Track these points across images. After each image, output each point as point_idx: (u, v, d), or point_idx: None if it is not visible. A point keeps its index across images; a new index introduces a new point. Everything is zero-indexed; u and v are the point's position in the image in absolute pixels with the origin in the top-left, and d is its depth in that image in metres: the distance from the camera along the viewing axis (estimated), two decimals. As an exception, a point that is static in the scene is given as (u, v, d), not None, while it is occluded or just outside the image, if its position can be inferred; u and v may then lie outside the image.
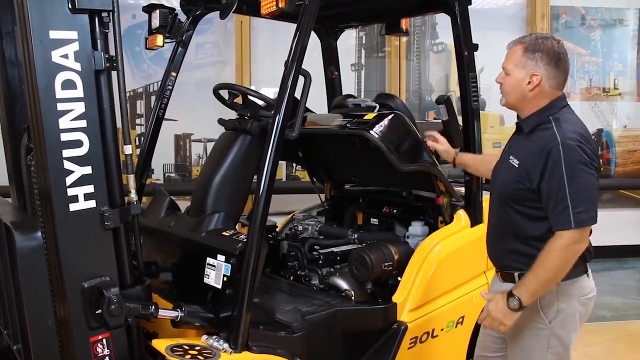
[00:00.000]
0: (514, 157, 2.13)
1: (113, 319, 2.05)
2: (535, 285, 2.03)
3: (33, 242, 2.04)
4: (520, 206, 2.11)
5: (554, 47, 2.09)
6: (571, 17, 6.59)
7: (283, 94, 2.28)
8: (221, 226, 2.53)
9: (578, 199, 1.96)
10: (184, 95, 5.36)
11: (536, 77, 2.08)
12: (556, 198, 1.97)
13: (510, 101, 2.20)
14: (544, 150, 2.01)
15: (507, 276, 2.24)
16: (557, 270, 2.01)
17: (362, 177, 3.58)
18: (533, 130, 2.12)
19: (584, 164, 1.98)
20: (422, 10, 3.70)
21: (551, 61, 2.08)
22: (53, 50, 1.94)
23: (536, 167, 2.02)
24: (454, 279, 2.99)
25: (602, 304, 5.18)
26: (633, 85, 6.79)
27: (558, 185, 1.96)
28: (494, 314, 2.09)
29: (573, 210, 1.96)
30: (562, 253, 1.98)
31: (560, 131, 2.02)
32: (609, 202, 6.89)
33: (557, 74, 2.10)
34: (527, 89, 2.11)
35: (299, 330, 2.43)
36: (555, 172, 1.97)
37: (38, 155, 2.01)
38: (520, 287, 2.05)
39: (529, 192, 2.06)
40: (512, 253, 2.19)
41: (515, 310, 2.04)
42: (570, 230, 1.97)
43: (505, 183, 2.16)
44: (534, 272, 2.03)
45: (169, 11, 2.95)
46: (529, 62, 2.09)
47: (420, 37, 6.29)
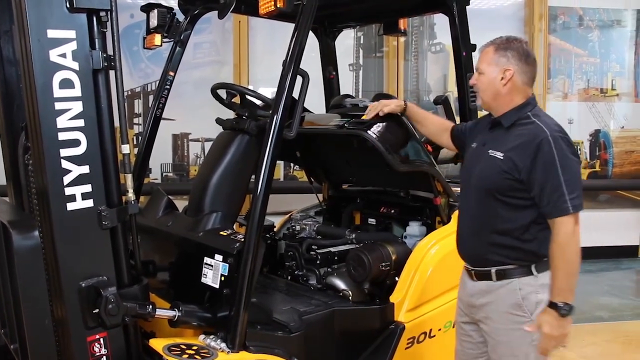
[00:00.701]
0: (495, 151, 2.19)
1: (110, 319, 2.05)
2: (567, 279, 2.07)
3: (30, 242, 2.04)
4: (505, 197, 2.16)
5: (523, 46, 2.22)
6: (569, 17, 6.60)
7: (281, 93, 2.28)
8: (219, 226, 2.53)
9: (571, 186, 2.05)
10: (182, 95, 5.36)
11: (509, 71, 2.18)
12: (552, 187, 2.05)
13: (485, 99, 2.28)
14: (532, 142, 2.09)
15: (481, 274, 2.27)
16: (577, 255, 2.06)
17: (359, 177, 3.58)
18: (512, 125, 2.20)
19: (572, 154, 2.10)
20: (420, 10, 3.71)
21: (522, 57, 2.19)
22: (51, 50, 1.94)
23: (525, 158, 2.09)
24: (451, 279, 2.97)
25: (598, 305, 5.20)
26: (630, 86, 6.80)
27: (553, 175, 2.05)
28: (556, 333, 2.08)
29: (569, 197, 2.04)
30: (572, 239, 2.05)
31: (545, 125, 2.12)
32: (607, 202, 6.91)
33: (528, 69, 2.20)
34: (500, 84, 2.20)
35: (296, 330, 2.44)
36: (548, 163, 2.05)
37: (36, 155, 2.01)
38: (557, 291, 2.08)
39: (517, 182, 2.12)
40: (494, 246, 2.21)
41: (568, 314, 2.07)
42: (569, 216, 2.05)
43: (489, 175, 2.20)
44: (560, 270, 2.06)
45: (167, 11, 2.95)
46: (501, 59, 2.20)
47: (418, 38, 6.29)
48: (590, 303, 5.20)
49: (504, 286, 2.21)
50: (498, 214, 2.18)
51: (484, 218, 2.24)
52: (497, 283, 2.22)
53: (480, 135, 2.35)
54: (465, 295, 2.38)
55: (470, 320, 2.39)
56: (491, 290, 2.24)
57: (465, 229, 2.36)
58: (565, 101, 6.65)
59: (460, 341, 2.48)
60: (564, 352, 4.07)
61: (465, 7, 3.00)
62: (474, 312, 2.35)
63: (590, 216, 6.69)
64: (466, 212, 2.36)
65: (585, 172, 6.70)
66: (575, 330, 2.45)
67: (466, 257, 2.37)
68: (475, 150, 2.32)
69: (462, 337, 2.47)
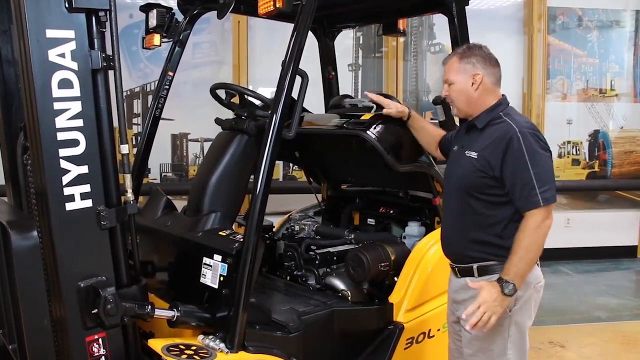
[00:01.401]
0: (471, 151, 2.27)
1: (109, 319, 2.04)
2: (522, 265, 2.12)
3: (29, 242, 2.03)
4: (482, 194, 2.24)
5: (484, 51, 2.34)
6: (568, 18, 6.60)
7: (280, 93, 2.28)
8: (218, 226, 2.53)
9: (542, 179, 2.12)
10: (181, 95, 5.36)
11: (478, 76, 2.29)
12: (522, 181, 2.13)
13: (460, 107, 2.38)
14: (503, 139, 2.18)
15: (464, 270, 2.33)
16: (537, 247, 2.14)
17: (358, 178, 3.59)
18: (486, 126, 2.29)
19: (542, 148, 2.18)
20: (419, 10, 3.71)
21: (486, 61, 2.31)
22: (50, 50, 1.93)
23: (496, 155, 2.18)
24: (450, 279, 2.99)
25: (597, 305, 5.20)
26: (629, 87, 6.80)
27: (522, 169, 2.13)
28: (490, 302, 2.10)
29: (540, 190, 2.11)
30: (538, 230, 2.12)
31: (515, 122, 2.21)
32: (606, 202, 6.91)
33: (493, 70, 2.33)
34: (472, 89, 2.31)
35: (295, 331, 2.44)
36: (518, 158, 2.14)
37: (34, 155, 2.00)
38: (509, 271, 2.12)
39: (491, 180, 2.20)
40: (474, 243, 2.28)
41: (511, 294, 2.11)
42: (539, 209, 2.12)
43: (466, 175, 2.28)
44: (516, 255, 2.12)
45: (167, 10, 2.95)
46: (467, 66, 2.31)
47: (417, 38, 6.29)
48: (589, 303, 5.20)
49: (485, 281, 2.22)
50: (477, 212, 2.26)
51: (464, 216, 2.31)
52: (478, 279, 2.26)
53: (460, 139, 2.45)
54: (451, 292, 2.45)
55: (457, 319, 2.42)
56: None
57: (448, 228, 2.43)
58: (564, 101, 6.65)
59: (452, 340, 2.52)
60: (563, 352, 4.08)
61: (465, 7, 2.99)
62: (456, 309, 2.40)
63: (590, 216, 6.79)
64: (449, 211, 2.43)
65: (585, 172, 6.71)
66: (574, 330, 2.47)
67: (449, 254, 2.43)
68: (456, 153, 2.41)
69: (452, 336, 2.51)
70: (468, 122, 2.40)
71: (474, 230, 2.27)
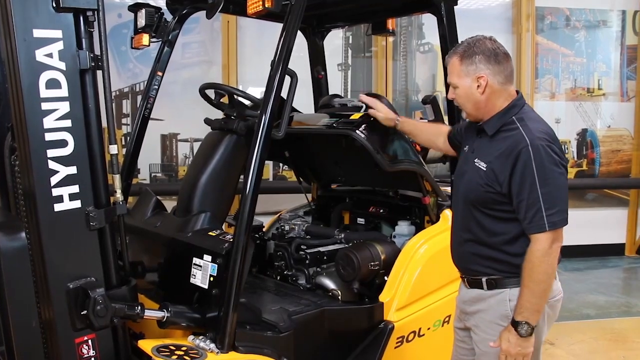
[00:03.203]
0: (480, 160, 2.10)
1: (98, 320, 2.03)
2: (534, 300, 1.99)
3: (17, 243, 2.02)
4: (489, 210, 2.09)
5: (487, 45, 2.08)
6: (556, 18, 6.65)
7: (269, 93, 2.28)
8: (207, 226, 2.53)
9: (550, 200, 1.94)
10: (170, 95, 5.34)
11: (482, 78, 2.07)
12: (528, 201, 1.95)
13: (469, 112, 2.18)
14: (512, 152, 1.98)
15: (474, 282, 2.20)
16: (547, 276, 1.98)
17: (348, 177, 3.59)
18: (497, 132, 2.09)
19: (554, 164, 1.96)
20: (408, 10, 3.71)
21: (490, 58, 2.06)
22: (37, 49, 1.92)
23: (505, 169, 2.00)
24: (440, 278, 3.00)
25: (586, 302, 5.25)
26: (617, 86, 6.86)
27: (530, 188, 1.95)
28: (513, 351, 2.02)
29: (546, 213, 1.94)
30: (544, 258, 1.96)
31: (528, 131, 2.00)
32: (593, 201, 6.97)
33: (500, 68, 2.07)
34: (478, 93, 2.09)
35: (285, 330, 2.43)
36: (526, 174, 1.95)
37: (22, 155, 1.99)
38: (521, 309, 2.01)
39: (499, 196, 2.04)
40: (480, 258, 2.15)
41: (530, 334, 2.00)
42: (545, 233, 1.95)
43: (473, 188, 2.12)
44: (527, 289, 1.99)
45: (155, 10, 2.93)
46: (470, 67, 2.08)
47: (406, 38, 6.31)
48: (578, 301, 5.25)
49: (494, 296, 2.14)
50: (482, 226, 2.12)
51: (470, 227, 2.17)
52: (487, 292, 2.15)
53: (470, 139, 2.26)
54: (460, 301, 2.33)
55: (464, 326, 2.35)
56: (482, 298, 2.18)
57: (455, 237, 2.30)
58: (552, 101, 6.70)
59: (456, 346, 2.44)
60: (553, 349, 4.10)
61: (453, 7, 3.00)
62: (466, 319, 2.31)
63: (578, 215, 6.82)
64: (455, 219, 2.29)
65: (573, 171, 6.76)
66: (563, 328, 2.47)
67: (456, 265, 2.31)
68: (465, 155, 2.25)
69: (457, 342, 2.43)
70: (478, 126, 2.18)
71: (479, 244, 2.13)
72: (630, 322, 4.81)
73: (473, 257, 2.18)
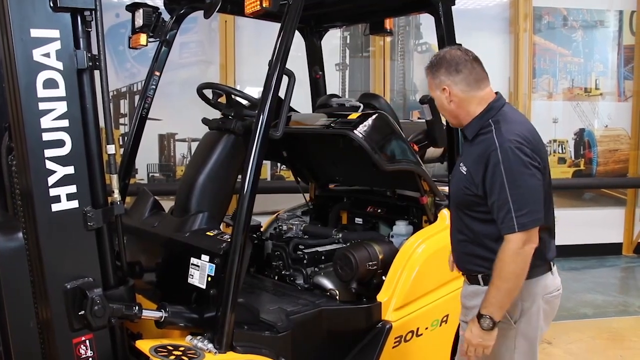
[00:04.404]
0: (463, 165, 2.17)
1: (96, 320, 2.03)
2: (499, 296, 2.03)
3: (14, 243, 2.02)
4: (472, 211, 2.14)
5: (447, 56, 2.14)
6: (553, 18, 6.65)
7: (267, 93, 2.28)
8: (205, 226, 2.53)
9: (520, 202, 1.97)
10: (168, 95, 5.33)
11: (445, 89, 2.14)
12: (498, 203, 2.00)
13: (449, 120, 2.28)
14: (483, 155, 2.03)
15: (472, 278, 2.26)
16: (515, 276, 2.01)
17: (346, 177, 3.59)
18: (476, 136, 2.14)
19: (523, 166, 1.99)
20: (406, 10, 3.72)
21: (449, 68, 2.12)
22: (34, 49, 1.92)
23: (478, 172, 2.05)
24: (438, 277, 3.00)
25: (583, 302, 5.26)
26: (614, 86, 6.87)
27: (499, 190, 1.99)
28: (474, 341, 2.09)
29: (515, 214, 1.97)
30: (514, 258, 1.99)
31: (499, 135, 2.03)
32: (591, 200, 6.98)
33: (462, 76, 2.11)
34: (446, 102, 2.16)
35: (283, 330, 2.43)
36: (495, 177, 1.99)
37: (19, 155, 1.99)
38: (486, 304, 2.06)
39: (477, 198, 2.09)
40: (472, 257, 2.20)
41: (490, 328, 2.05)
42: (515, 234, 1.98)
43: (456, 190, 2.20)
44: (494, 285, 2.03)
45: (153, 10, 2.93)
46: (435, 80, 2.16)
47: (404, 37, 6.31)
48: (575, 300, 5.26)
49: None
50: (470, 227, 2.18)
51: (460, 228, 2.23)
52: (483, 287, 2.17)
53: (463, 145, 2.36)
54: (462, 296, 2.38)
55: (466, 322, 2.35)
56: (479, 293, 2.19)
57: (452, 238, 2.36)
58: (550, 100, 6.71)
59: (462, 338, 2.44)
60: (550, 349, 4.11)
61: (451, 7, 3.01)
62: (466, 314, 2.33)
63: (575, 214, 6.84)
64: (451, 221, 2.36)
65: (570, 170, 6.77)
66: (561, 327, 2.47)
67: (456, 263, 2.37)
68: (456, 166, 2.30)
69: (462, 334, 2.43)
70: (462, 131, 2.26)
71: (470, 244, 2.20)
72: (628, 322, 4.81)
73: (468, 257, 2.24)
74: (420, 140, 3.32)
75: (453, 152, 3.06)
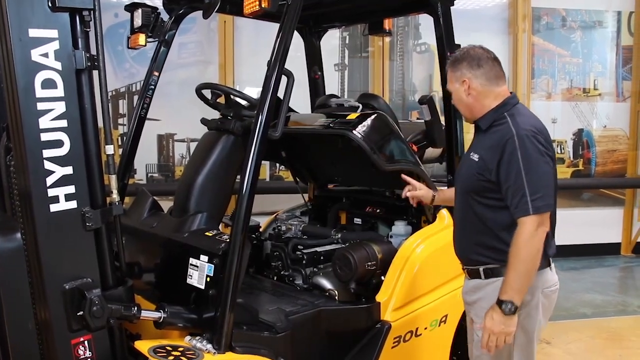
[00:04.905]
0: (474, 153, 2.25)
1: (95, 321, 2.03)
2: (518, 279, 2.09)
3: (12, 244, 2.01)
4: (483, 198, 2.21)
5: (470, 53, 2.27)
6: (552, 18, 6.66)
7: (266, 93, 2.27)
8: (204, 226, 2.52)
9: (535, 186, 2.07)
10: (167, 95, 5.33)
11: (465, 81, 2.26)
12: (514, 187, 2.08)
13: (464, 114, 2.38)
14: (500, 142, 2.13)
15: (472, 272, 2.31)
16: (531, 257, 2.08)
17: (345, 177, 3.59)
18: (490, 127, 2.24)
19: (539, 153, 2.10)
20: (405, 10, 3.72)
21: (471, 63, 2.25)
22: (33, 49, 1.91)
23: (494, 158, 2.14)
24: (437, 277, 3.00)
25: (582, 301, 5.26)
26: (612, 86, 6.88)
27: (515, 175, 2.08)
28: (496, 329, 2.11)
29: (530, 198, 2.06)
30: (529, 240, 2.07)
31: (515, 124, 2.15)
32: (589, 200, 6.99)
33: (482, 71, 2.24)
34: (465, 95, 2.28)
35: (282, 330, 2.43)
36: (512, 163, 2.09)
37: (18, 156, 1.98)
38: (506, 289, 2.10)
39: (489, 183, 2.17)
40: (478, 246, 2.26)
41: (513, 313, 2.09)
42: (529, 217, 2.06)
43: (468, 176, 2.27)
44: (511, 269, 2.09)
45: (152, 10, 2.93)
46: (456, 73, 2.29)
47: (403, 38, 6.31)
48: (574, 300, 5.26)
49: (490, 284, 2.23)
50: (479, 215, 2.23)
51: (468, 218, 2.29)
52: (485, 281, 2.25)
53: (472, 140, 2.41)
54: (463, 292, 2.43)
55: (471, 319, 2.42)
56: (480, 287, 2.28)
57: (456, 229, 2.42)
58: (549, 101, 6.71)
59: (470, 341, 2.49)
60: (549, 348, 4.11)
61: (450, 7, 3.01)
62: (468, 310, 2.41)
63: (574, 214, 6.84)
64: (456, 213, 2.42)
65: (569, 170, 6.78)
66: (560, 327, 2.48)
67: (458, 256, 2.41)
68: (465, 156, 2.39)
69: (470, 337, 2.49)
70: (475, 123, 2.35)
71: (477, 233, 2.25)
72: (626, 321, 4.82)
73: (473, 247, 2.28)
74: (419, 141, 3.32)
75: (452, 152, 3.06)
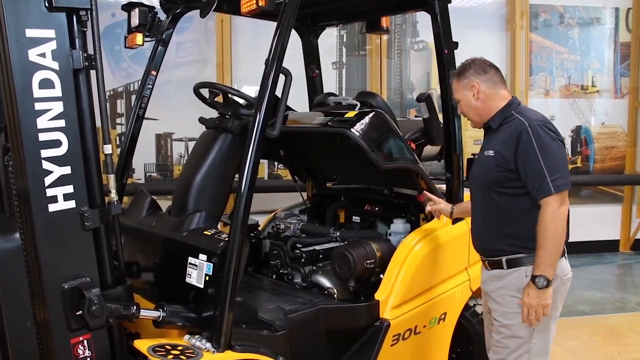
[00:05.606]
0: (489, 150, 2.43)
1: (94, 320, 2.03)
2: (548, 254, 2.26)
3: (11, 244, 2.01)
4: (504, 188, 2.38)
5: (476, 61, 2.50)
6: (550, 15, 6.66)
7: (264, 92, 2.27)
8: (203, 225, 2.52)
9: (553, 168, 2.26)
10: (165, 94, 5.33)
11: (474, 86, 2.46)
12: (533, 172, 2.27)
13: (473, 119, 2.55)
14: (514, 134, 2.33)
15: (494, 263, 2.46)
16: (557, 233, 2.26)
17: (343, 175, 3.59)
18: (501, 125, 2.44)
19: (552, 139, 2.31)
20: (402, 8, 3.72)
21: (478, 70, 2.47)
22: (30, 49, 1.91)
23: (510, 150, 2.33)
24: (436, 275, 3.01)
25: (581, 299, 5.27)
26: (610, 83, 6.89)
27: (534, 162, 2.27)
28: (534, 302, 2.28)
29: (550, 178, 2.25)
30: (553, 218, 2.25)
31: (525, 117, 2.36)
32: (588, 197, 6.99)
33: (488, 76, 2.47)
34: (474, 100, 2.48)
35: (281, 329, 2.44)
36: (528, 151, 2.28)
37: (16, 156, 1.98)
38: (538, 265, 2.27)
39: (509, 173, 2.34)
40: (502, 236, 2.42)
41: (546, 286, 2.27)
42: (552, 196, 2.25)
43: (486, 171, 2.43)
44: (541, 246, 2.26)
45: (149, 9, 2.93)
46: (464, 81, 2.49)
47: (401, 36, 6.31)
48: (573, 297, 5.26)
49: (512, 273, 2.40)
50: (501, 205, 2.39)
51: (490, 211, 2.45)
52: (507, 270, 2.41)
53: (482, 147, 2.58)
54: (482, 283, 2.57)
55: (489, 310, 2.56)
56: (502, 276, 2.43)
57: (477, 225, 2.58)
58: (546, 98, 6.72)
59: (487, 330, 2.65)
60: (548, 346, 4.12)
61: (447, 5, 3.01)
62: (487, 300, 2.54)
63: (572, 211, 6.80)
64: (476, 209, 2.57)
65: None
66: (559, 325, 2.50)
67: (480, 249, 2.57)
68: (478, 156, 2.57)
69: (487, 326, 2.65)
70: (485, 125, 2.52)
71: (501, 224, 2.41)
72: (625, 318, 4.83)
73: (498, 237, 2.44)
74: (417, 138, 3.32)
75: (450, 150, 3.06)
